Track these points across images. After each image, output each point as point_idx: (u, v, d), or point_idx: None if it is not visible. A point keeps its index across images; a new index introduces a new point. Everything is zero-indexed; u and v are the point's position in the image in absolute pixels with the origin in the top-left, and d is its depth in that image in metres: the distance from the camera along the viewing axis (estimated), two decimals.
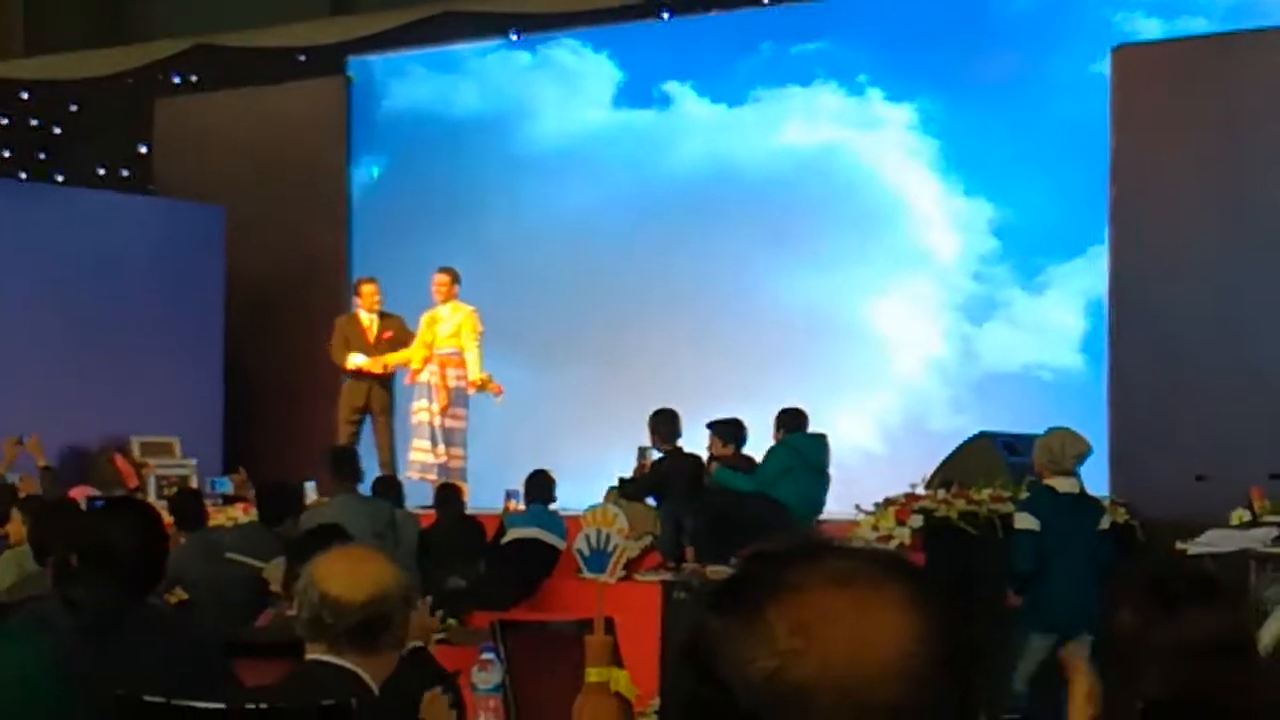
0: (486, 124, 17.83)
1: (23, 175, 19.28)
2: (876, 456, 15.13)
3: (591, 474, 14.11)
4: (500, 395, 15.32)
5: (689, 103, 16.94)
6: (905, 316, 15.84)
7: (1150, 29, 14.55)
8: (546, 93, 17.66)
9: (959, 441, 12.68)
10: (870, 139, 16.07)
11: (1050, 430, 10.55)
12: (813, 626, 1.73)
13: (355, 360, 15.63)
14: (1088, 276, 14.81)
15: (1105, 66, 14.10)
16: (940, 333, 15.76)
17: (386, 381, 15.84)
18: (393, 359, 15.63)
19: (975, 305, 15.63)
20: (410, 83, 18.40)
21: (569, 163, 17.31)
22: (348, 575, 4.19)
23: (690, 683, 1.78)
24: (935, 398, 15.67)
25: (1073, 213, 14.88)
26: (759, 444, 13.08)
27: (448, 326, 15.45)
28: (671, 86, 16.99)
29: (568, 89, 17.57)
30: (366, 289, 15.92)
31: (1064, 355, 15.13)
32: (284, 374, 17.50)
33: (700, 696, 1.76)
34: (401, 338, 15.70)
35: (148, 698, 4.28)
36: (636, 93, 17.17)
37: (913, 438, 15.08)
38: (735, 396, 14.36)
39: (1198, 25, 14.26)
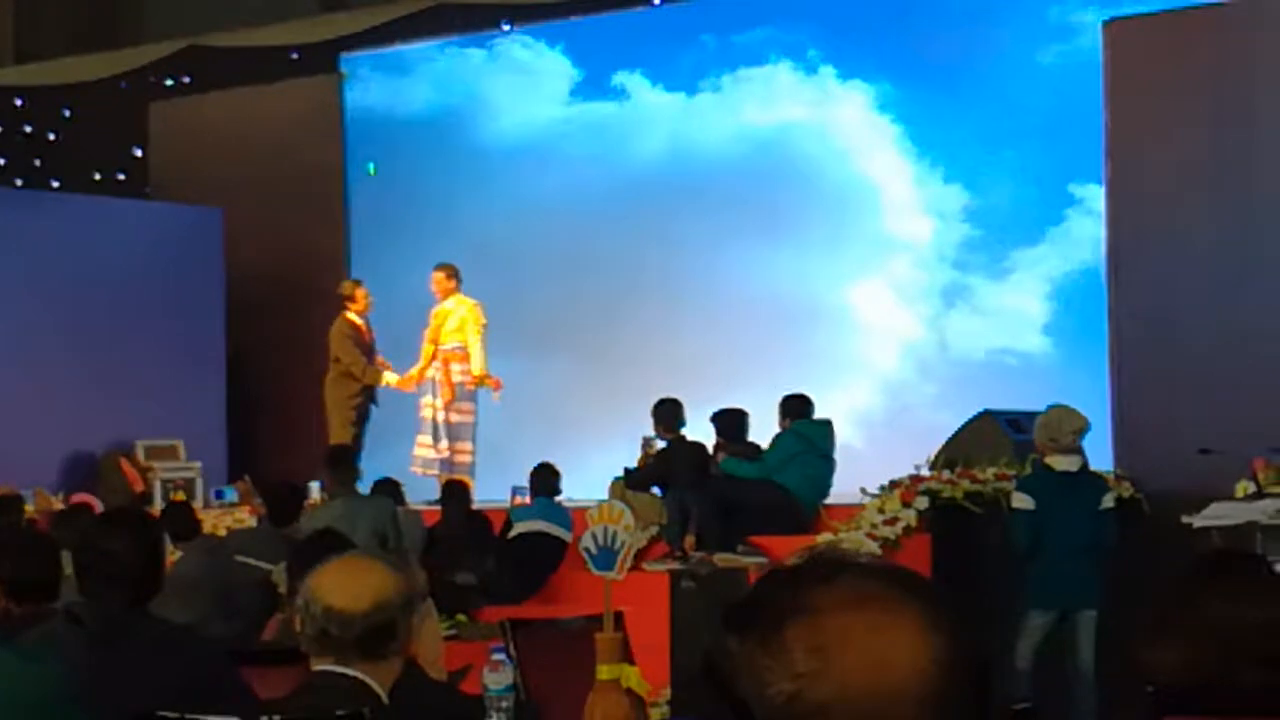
0: (470, 120, 17.89)
1: (18, 182, 19.24)
2: (855, 450, 14.99)
3: (589, 464, 14.10)
4: (498, 391, 15.33)
5: (645, 92, 17.05)
6: (878, 300, 15.93)
7: (1087, 19, 14.47)
8: (512, 86, 17.72)
9: (941, 425, 12.76)
10: (828, 116, 16.14)
11: (1050, 408, 10.60)
12: (830, 649, 1.75)
13: (389, 379, 15.50)
14: (1050, 261, 14.89)
15: (1050, 55, 14.42)
16: (913, 318, 15.81)
17: None
18: (416, 373, 15.45)
19: (944, 291, 15.69)
20: (398, 81, 18.39)
21: (542, 156, 17.37)
22: (348, 586, 4.19)
23: (712, 698, 1.81)
24: (912, 383, 15.70)
25: (1031, 197, 14.97)
26: (757, 430, 13.07)
27: (453, 321, 15.44)
28: (625, 77, 17.11)
29: (529, 82, 17.64)
30: (362, 293, 15.68)
31: (1031, 339, 15.17)
32: (286, 373, 17.48)
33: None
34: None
35: (162, 713, 4.28)
36: (595, 85, 17.29)
37: (891, 424, 15.16)
38: (729, 384, 14.38)
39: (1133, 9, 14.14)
